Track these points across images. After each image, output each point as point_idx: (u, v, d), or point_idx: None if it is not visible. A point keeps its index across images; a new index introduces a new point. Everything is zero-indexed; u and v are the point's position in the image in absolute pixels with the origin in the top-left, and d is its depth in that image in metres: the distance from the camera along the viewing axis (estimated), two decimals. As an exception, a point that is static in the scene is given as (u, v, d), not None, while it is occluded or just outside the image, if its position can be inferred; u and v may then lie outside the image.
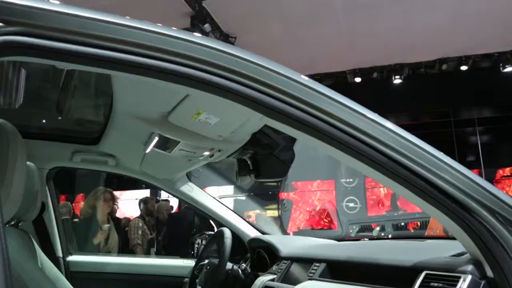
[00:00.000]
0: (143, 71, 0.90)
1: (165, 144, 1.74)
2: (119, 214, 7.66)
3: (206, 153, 1.80)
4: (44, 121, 2.75)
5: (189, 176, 2.45)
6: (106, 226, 4.51)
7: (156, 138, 1.70)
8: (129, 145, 2.06)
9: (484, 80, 8.00)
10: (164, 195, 8.82)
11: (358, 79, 8.08)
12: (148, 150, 1.86)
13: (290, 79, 1.02)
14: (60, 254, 2.33)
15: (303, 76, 1.06)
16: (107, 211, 4.59)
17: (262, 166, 1.80)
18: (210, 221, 2.73)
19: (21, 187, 1.06)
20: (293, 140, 1.91)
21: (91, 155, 2.27)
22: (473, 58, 7.72)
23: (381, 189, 8.68)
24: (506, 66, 7.65)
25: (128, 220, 6.72)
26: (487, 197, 1.10)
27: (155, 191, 9.05)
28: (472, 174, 1.11)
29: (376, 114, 1.11)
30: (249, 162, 1.84)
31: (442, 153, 1.13)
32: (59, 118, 2.62)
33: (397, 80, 8.09)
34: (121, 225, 7.09)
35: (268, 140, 1.72)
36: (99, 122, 2.13)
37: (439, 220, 1.16)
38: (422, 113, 9.21)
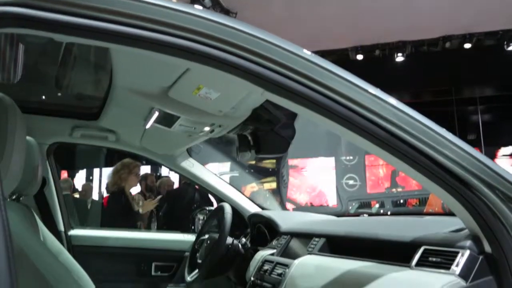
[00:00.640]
0: (142, 44, 0.89)
1: (165, 119, 1.73)
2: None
3: (207, 128, 1.80)
4: (43, 96, 2.74)
5: (190, 152, 2.46)
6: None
7: (156, 113, 1.69)
8: (129, 121, 2.06)
9: (487, 58, 7.92)
10: (164, 171, 8.87)
11: (360, 57, 8.00)
12: (148, 126, 1.86)
13: (292, 53, 1.01)
14: (62, 228, 2.35)
15: (305, 50, 1.05)
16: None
17: (262, 141, 1.80)
18: (210, 196, 2.75)
19: (21, 161, 1.06)
20: (294, 116, 1.91)
21: (91, 131, 2.27)
22: (477, 36, 7.61)
23: (380, 168, 8.72)
24: (510, 44, 7.56)
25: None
26: (487, 173, 1.10)
27: (155, 167, 9.09)
28: (473, 150, 1.11)
29: (379, 90, 1.10)
30: (249, 138, 1.84)
31: (444, 129, 1.12)
32: (59, 93, 2.60)
33: (399, 58, 8.01)
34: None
35: (268, 115, 1.71)
36: (99, 98, 2.12)
37: (438, 196, 1.17)
38: (424, 92, 9.16)
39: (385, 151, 1.10)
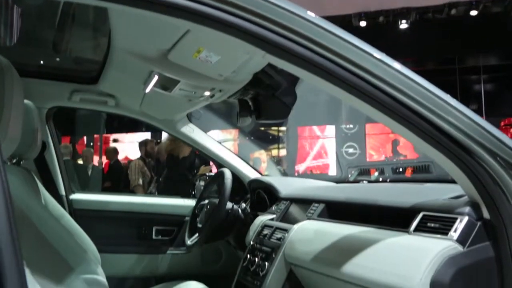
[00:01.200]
0: (140, 3, 0.86)
1: (165, 83, 1.71)
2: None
3: (207, 93, 1.78)
4: (41, 59, 2.70)
5: (190, 117, 2.44)
6: None
7: (156, 77, 1.67)
8: (129, 85, 2.04)
9: (493, 26, 7.77)
10: (164, 138, 8.88)
11: (363, 24, 7.86)
12: (148, 90, 1.84)
13: (296, 15, 0.98)
14: (63, 192, 2.36)
15: (309, 12, 1.02)
16: None
17: (263, 107, 1.78)
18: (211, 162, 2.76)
19: (19, 124, 1.05)
20: (295, 81, 1.88)
21: (90, 95, 2.25)
22: (484, 2, 7.45)
23: (381, 136, 8.73)
24: (519, 11, 7.41)
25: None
26: (489, 139, 1.09)
27: (156, 133, 9.10)
28: (476, 116, 1.10)
29: (384, 54, 1.08)
30: (250, 103, 1.82)
31: (448, 95, 1.11)
32: (57, 56, 2.57)
33: (403, 25, 7.88)
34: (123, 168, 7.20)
35: (270, 80, 1.69)
36: (98, 61, 2.09)
37: (439, 162, 1.17)
38: (427, 60, 9.06)
39: (387, 117, 1.09)
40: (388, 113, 1.08)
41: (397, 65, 1.08)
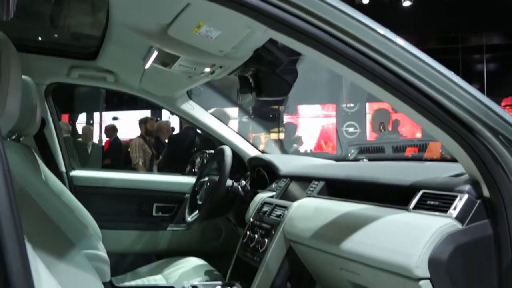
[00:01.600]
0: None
1: (164, 59, 1.69)
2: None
3: (207, 69, 1.76)
4: (39, 34, 2.66)
5: (190, 94, 2.42)
6: None
7: (156, 53, 1.65)
8: (128, 61, 2.01)
9: (497, 5, 7.65)
10: (164, 116, 8.86)
11: (365, 1, 7.75)
12: (147, 66, 1.82)
13: None
14: (63, 169, 2.37)
15: (311, -14, 1.00)
16: None
17: (264, 84, 1.76)
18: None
19: (17, 100, 1.03)
20: (296, 59, 1.86)
21: (89, 71, 2.23)
22: (488, -20, 7.33)
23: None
24: (524, -11, 7.28)
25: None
26: (492, 117, 1.08)
27: (155, 111, 9.07)
28: (479, 94, 1.09)
29: (388, 30, 1.06)
30: (251, 80, 1.80)
31: (451, 72, 1.09)
32: (55, 31, 2.53)
33: (406, 3, 7.77)
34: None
35: (271, 57, 1.67)
36: (96, 36, 2.06)
37: (441, 140, 1.16)
38: (430, 39, 8.95)
39: (389, 94, 1.08)
40: (390, 90, 1.07)
41: (400, 41, 1.06)
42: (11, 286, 0.55)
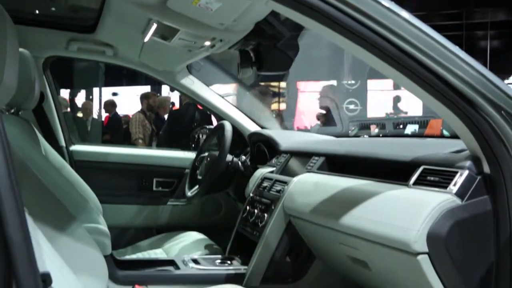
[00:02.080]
0: None
1: (164, 32, 1.67)
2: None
3: (207, 43, 1.73)
4: (36, 7, 2.62)
5: (190, 69, 2.40)
6: None
7: (155, 26, 1.62)
8: (127, 34, 1.99)
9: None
10: (164, 93, 8.81)
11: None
12: (146, 39, 1.79)
13: None
14: (63, 143, 2.36)
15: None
16: None
17: (265, 58, 1.74)
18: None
19: (15, 72, 1.02)
20: (297, 34, 1.83)
21: (87, 44, 2.20)
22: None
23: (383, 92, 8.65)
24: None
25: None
26: (495, 92, 1.07)
27: (155, 87, 9.02)
28: (483, 69, 1.07)
29: (392, 2, 1.03)
30: (251, 54, 1.78)
31: (456, 46, 1.07)
32: (52, 3, 2.49)
33: (410, -23, 7.60)
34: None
35: (272, 30, 1.64)
36: (95, 9, 2.03)
37: (443, 116, 1.15)
38: (434, 15, 8.82)
39: (391, 67, 1.06)
40: (392, 63, 1.05)
41: (405, 14, 1.04)
42: (11, 257, 0.55)
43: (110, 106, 7.37)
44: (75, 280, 0.87)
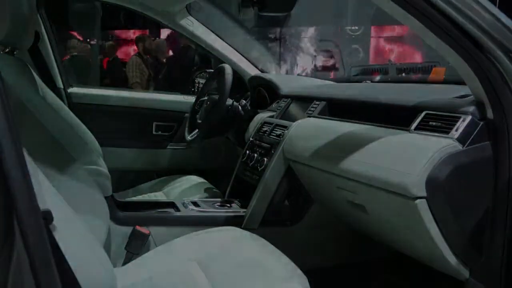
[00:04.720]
0: None
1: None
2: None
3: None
4: None
5: (189, 9, 2.31)
6: None
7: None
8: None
9: None
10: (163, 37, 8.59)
11: None
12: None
13: None
14: (61, 85, 2.32)
15: None
16: None
17: (267, -3, 1.67)
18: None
19: (5, 7, 0.97)
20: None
21: None
22: None
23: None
24: None
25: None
26: (506, 35, 1.03)
27: (154, 31, 8.79)
28: (495, 10, 1.03)
29: None
30: (253, -7, 1.70)
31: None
32: None
33: None
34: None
35: (275, -33, 1.56)
36: None
37: (449, 59, 1.12)
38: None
39: (398, 7, 1.01)
40: (400, 3, 1.01)
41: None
42: (11, 193, 0.55)
43: (111, 49, 7.20)
44: (76, 219, 0.88)
